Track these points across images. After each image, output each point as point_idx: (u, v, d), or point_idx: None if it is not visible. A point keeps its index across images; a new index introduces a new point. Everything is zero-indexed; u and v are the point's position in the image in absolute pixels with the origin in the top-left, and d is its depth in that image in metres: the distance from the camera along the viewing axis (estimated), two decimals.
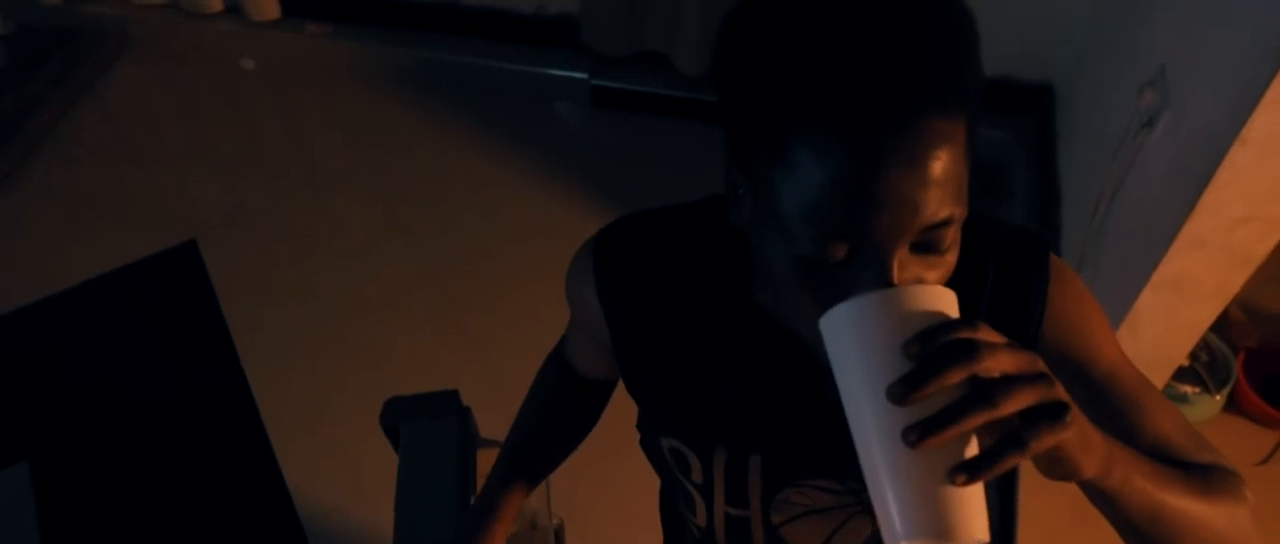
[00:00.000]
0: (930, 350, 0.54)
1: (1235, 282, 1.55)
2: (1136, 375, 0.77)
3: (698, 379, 0.83)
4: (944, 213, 0.58)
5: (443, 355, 2.22)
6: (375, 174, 2.71)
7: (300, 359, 2.23)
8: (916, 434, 0.53)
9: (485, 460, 1.18)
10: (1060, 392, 0.56)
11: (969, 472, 0.54)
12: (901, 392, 0.54)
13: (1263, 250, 1.49)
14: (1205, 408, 2.00)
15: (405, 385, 1.25)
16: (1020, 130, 2.59)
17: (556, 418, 1.06)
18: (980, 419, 0.53)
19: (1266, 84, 1.29)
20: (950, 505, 0.55)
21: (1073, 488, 0.64)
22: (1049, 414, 0.54)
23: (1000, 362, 0.54)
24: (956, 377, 0.53)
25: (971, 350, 0.53)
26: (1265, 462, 1.94)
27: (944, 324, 0.55)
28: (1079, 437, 0.57)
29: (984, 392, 0.53)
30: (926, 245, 0.60)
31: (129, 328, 2.32)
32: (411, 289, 2.40)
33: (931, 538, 0.55)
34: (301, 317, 2.33)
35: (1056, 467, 0.58)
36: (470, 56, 2.87)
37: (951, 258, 0.63)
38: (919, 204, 0.57)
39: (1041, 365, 0.56)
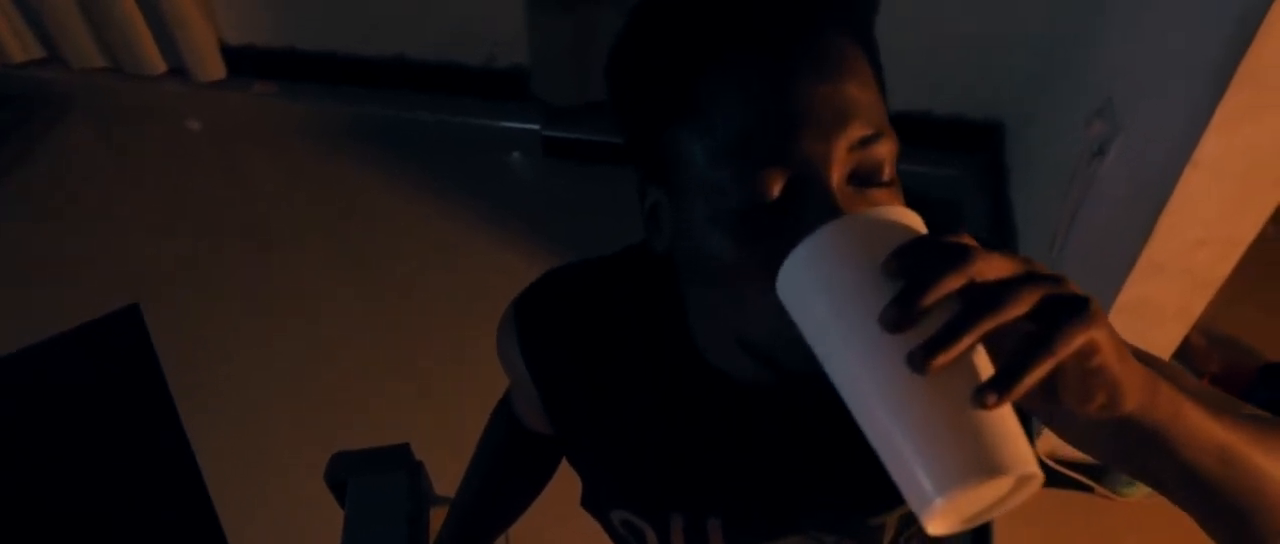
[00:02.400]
0: (915, 262, 0.46)
1: (1197, 305, 1.55)
2: (1132, 346, 0.71)
3: (641, 441, 0.78)
4: (871, 126, 0.56)
5: (398, 412, 2.16)
6: (326, 231, 2.66)
7: (248, 423, 2.15)
8: (923, 354, 0.44)
9: (440, 519, 1.12)
10: (1075, 287, 0.46)
11: (998, 388, 0.44)
12: (896, 313, 0.45)
13: (1222, 272, 1.49)
14: None
15: (359, 444, 1.19)
16: (972, 168, 2.61)
17: (507, 472, 1.02)
18: (992, 323, 0.44)
19: (1213, 106, 1.30)
20: (985, 437, 0.44)
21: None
22: (1068, 308, 0.45)
23: (996, 265, 0.46)
24: (953, 282, 0.45)
25: (963, 254, 0.45)
26: None
27: (923, 237, 0.48)
28: (1112, 341, 0.47)
29: (987, 295, 0.45)
30: (865, 176, 0.57)
31: (67, 398, 2.23)
32: (365, 346, 2.33)
33: (972, 480, 0.44)
34: (249, 379, 2.26)
35: (1092, 386, 0.47)
36: (420, 111, 2.84)
37: (898, 202, 0.58)
38: (841, 112, 0.55)
39: (1043, 267, 0.47)
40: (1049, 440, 1.88)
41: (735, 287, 0.59)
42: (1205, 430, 0.52)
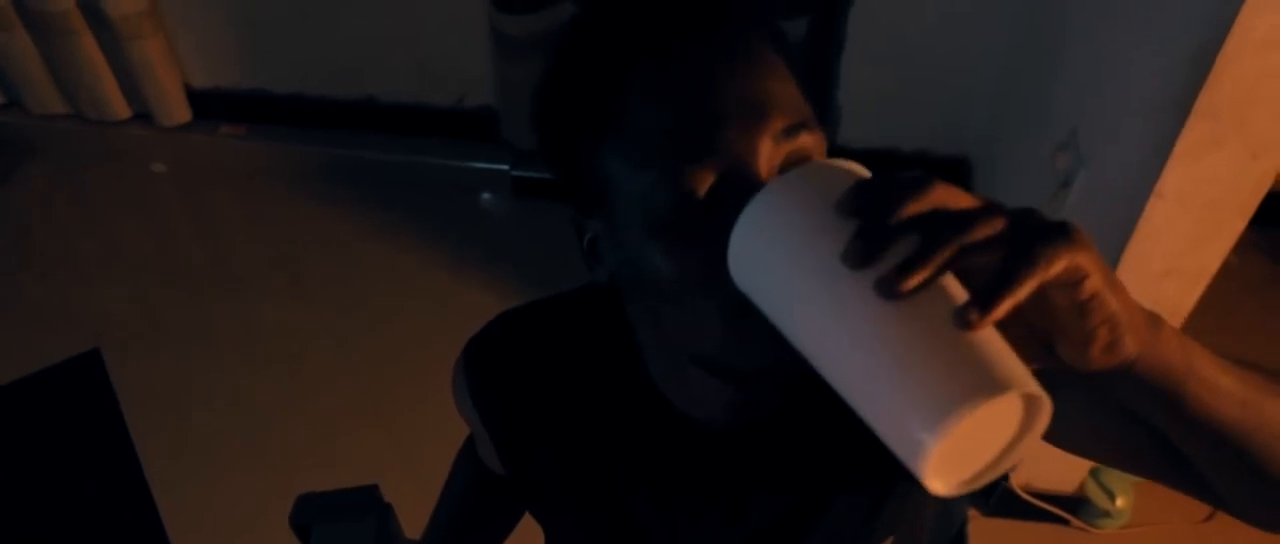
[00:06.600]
0: (874, 197, 0.43)
1: None
2: None
3: (608, 493, 0.75)
4: (793, 115, 0.56)
5: (367, 456, 2.12)
6: (295, 274, 2.63)
7: (212, 468, 2.10)
8: (895, 276, 0.40)
9: None
10: (1048, 218, 0.43)
11: (980, 304, 0.39)
12: (860, 245, 0.41)
13: (1188, 302, 1.50)
14: None
15: (327, 485, 1.16)
16: None
17: (473, 514, 1.00)
18: (964, 240, 0.41)
19: (1174, 137, 1.31)
20: (973, 359, 0.40)
21: None
22: (1048, 230, 0.41)
23: (961, 196, 0.43)
24: (917, 207, 0.42)
25: (922, 182, 0.42)
26: (1208, 520, 1.94)
27: (878, 174, 0.45)
28: (1102, 268, 0.42)
29: (956, 217, 0.41)
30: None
31: (26, 445, 2.17)
32: (335, 388, 2.30)
33: (964, 406, 0.38)
34: (214, 423, 2.21)
35: (1090, 324, 0.43)
36: (390, 152, 2.82)
37: None
38: (761, 105, 0.55)
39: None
40: (1023, 473, 1.87)
41: (681, 297, 0.58)
42: (1222, 377, 0.50)
